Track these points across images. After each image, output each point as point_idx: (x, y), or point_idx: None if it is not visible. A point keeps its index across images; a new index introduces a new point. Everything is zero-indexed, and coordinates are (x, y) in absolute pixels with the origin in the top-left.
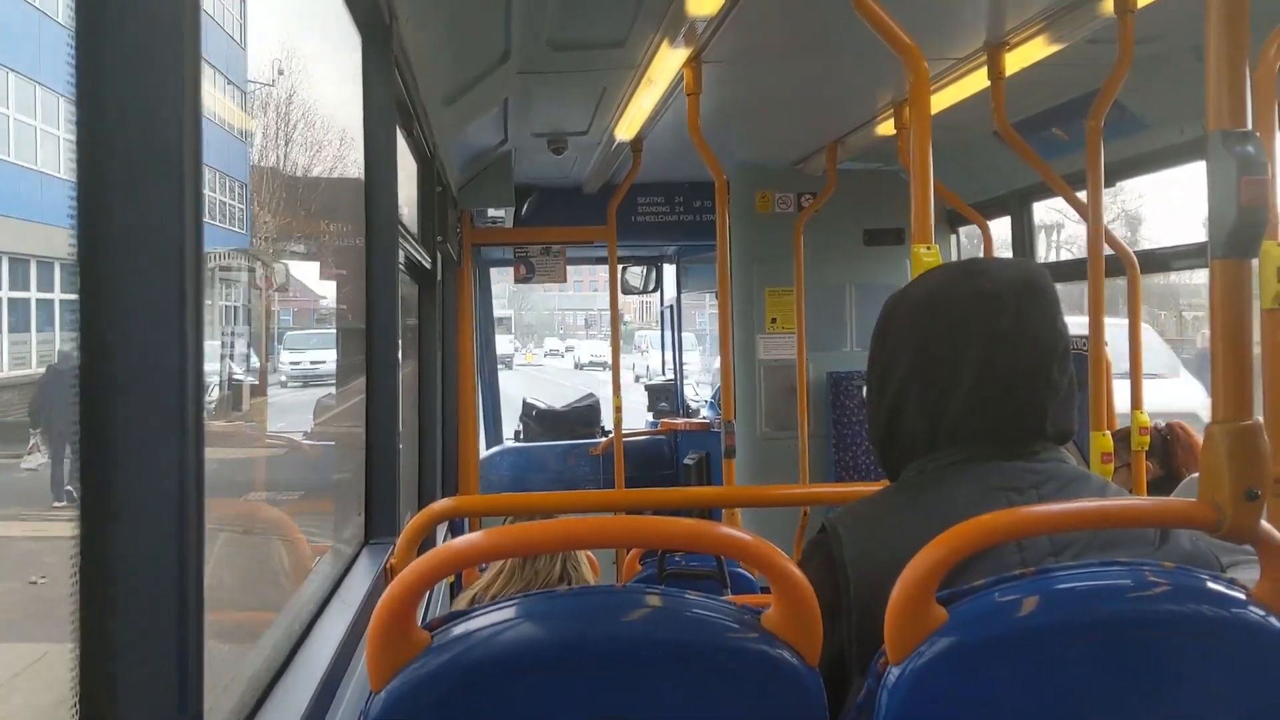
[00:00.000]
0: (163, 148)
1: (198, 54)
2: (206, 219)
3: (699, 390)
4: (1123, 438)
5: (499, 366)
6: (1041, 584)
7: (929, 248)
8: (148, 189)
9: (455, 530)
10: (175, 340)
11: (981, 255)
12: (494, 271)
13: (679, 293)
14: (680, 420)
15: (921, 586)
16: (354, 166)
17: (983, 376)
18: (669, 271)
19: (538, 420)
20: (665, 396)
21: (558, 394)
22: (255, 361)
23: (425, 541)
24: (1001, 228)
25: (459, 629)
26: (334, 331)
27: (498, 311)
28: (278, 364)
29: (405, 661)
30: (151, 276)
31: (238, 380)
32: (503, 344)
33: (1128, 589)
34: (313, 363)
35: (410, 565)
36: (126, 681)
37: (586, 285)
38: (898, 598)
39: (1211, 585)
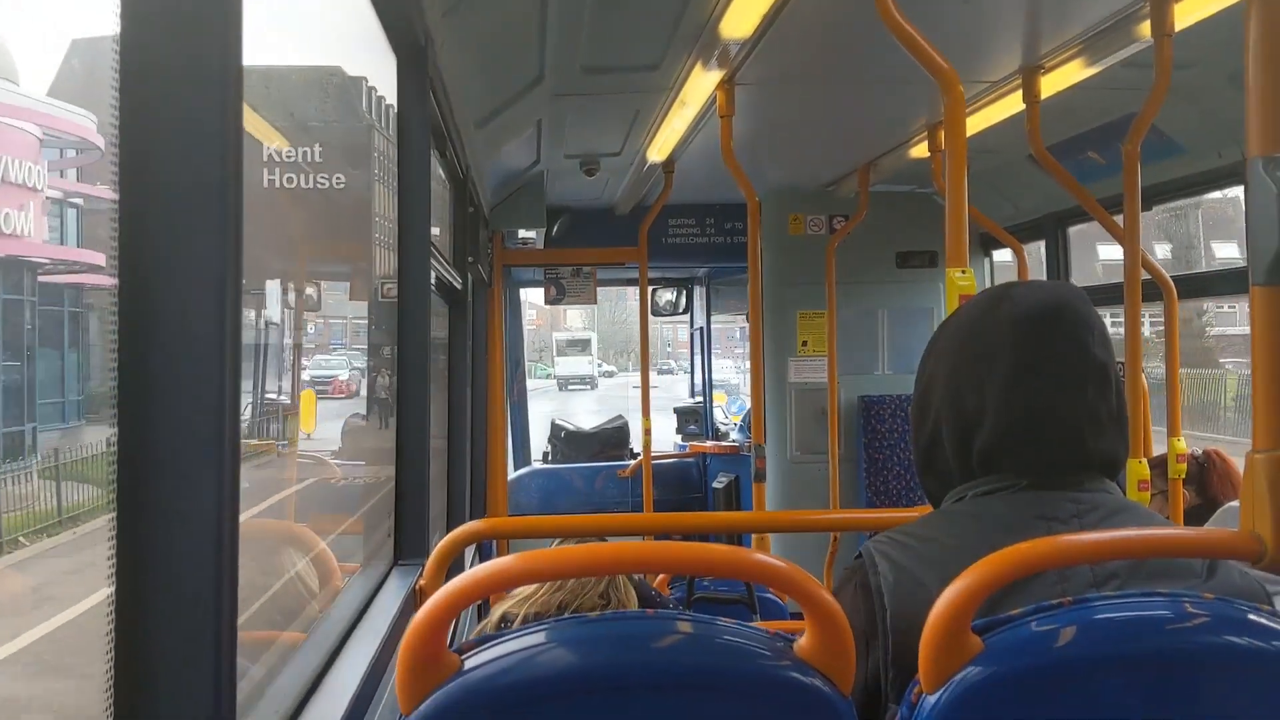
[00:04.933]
0: (204, 172)
1: (239, 85)
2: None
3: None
4: (1159, 465)
5: (584, 388)
6: (1079, 614)
7: (964, 271)
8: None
9: (483, 551)
10: (215, 356)
11: (1017, 279)
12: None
13: (709, 315)
14: (709, 443)
15: (957, 615)
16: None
17: (1009, 404)
18: (699, 294)
19: (566, 442)
20: (694, 419)
21: None
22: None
23: (454, 563)
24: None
25: (490, 653)
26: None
27: (576, 334)
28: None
29: (435, 685)
30: (191, 297)
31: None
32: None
33: (1167, 620)
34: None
35: (442, 589)
36: (161, 695)
37: None
38: (932, 626)
39: (1252, 617)
